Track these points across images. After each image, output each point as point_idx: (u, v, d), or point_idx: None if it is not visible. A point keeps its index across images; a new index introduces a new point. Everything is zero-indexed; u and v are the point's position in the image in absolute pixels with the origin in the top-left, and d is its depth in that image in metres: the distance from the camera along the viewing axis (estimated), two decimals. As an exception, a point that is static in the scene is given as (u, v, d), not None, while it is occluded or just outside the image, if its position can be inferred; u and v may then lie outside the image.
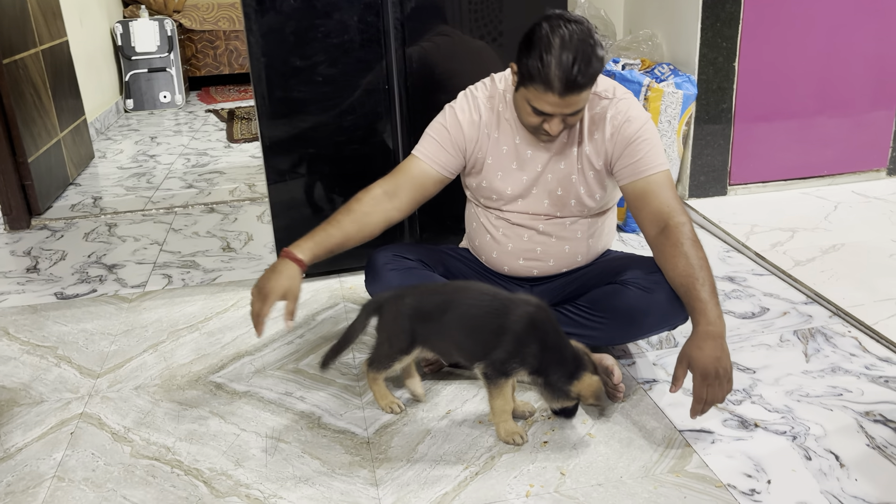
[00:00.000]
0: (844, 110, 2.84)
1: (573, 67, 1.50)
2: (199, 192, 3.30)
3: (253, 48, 2.13)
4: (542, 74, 1.52)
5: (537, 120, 1.62)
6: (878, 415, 1.59)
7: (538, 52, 1.52)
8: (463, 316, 1.56)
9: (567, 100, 1.55)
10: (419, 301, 1.59)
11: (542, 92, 1.55)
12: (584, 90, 1.55)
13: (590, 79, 1.54)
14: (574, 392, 1.50)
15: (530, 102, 1.59)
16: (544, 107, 1.57)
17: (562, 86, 1.52)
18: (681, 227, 1.60)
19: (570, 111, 1.58)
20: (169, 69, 5.17)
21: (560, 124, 1.61)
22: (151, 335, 2.06)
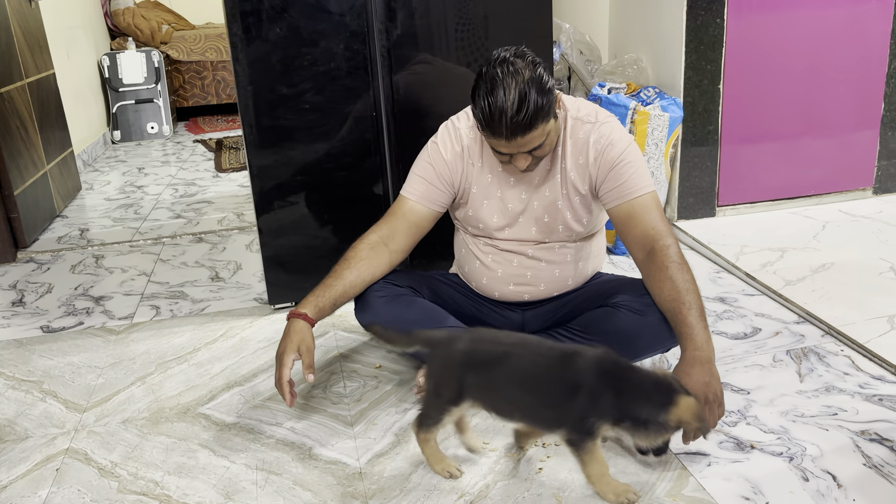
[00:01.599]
0: (829, 130, 2.87)
1: (512, 112, 1.50)
2: (188, 222, 3.29)
3: (240, 77, 2.13)
4: (486, 122, 1.55)
5: (504, 158, 1.64)
6: (874, 433, 1.58)
7: (480, 100, 1.54)
8: (523, 371, 1.40)
9: (517, 142, 1.56)
10: (473, 347, 1.44)
11: (490, 138, 1.58)
12: (531, 129, 1.54)
13: (533, 118, 1.52)
14: (673, 420, 1.33)
15: (489, 144, 1.62)
16: (500, 148, 1.60)
17: (506, 131, 1.53)
18: (666, 250, 1.60)
19: (527, 149, 1.59)
20: (156, 100, 5.18)
21: (525, 160, 1.62)
22: (139, 367, 2.03)
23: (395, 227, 1.79)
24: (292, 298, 2.34)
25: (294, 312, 1.69)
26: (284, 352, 1.64)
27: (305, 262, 2.31)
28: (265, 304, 2.39)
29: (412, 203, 1.79)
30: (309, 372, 1.63)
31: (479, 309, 1.91)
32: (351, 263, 1.76)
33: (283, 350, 1.64)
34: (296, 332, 1.66)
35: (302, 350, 1.64)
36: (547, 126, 1.59)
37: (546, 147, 1.64)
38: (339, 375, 1.93)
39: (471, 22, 2.21)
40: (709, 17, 2.63)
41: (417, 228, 1.81)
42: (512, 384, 1.41)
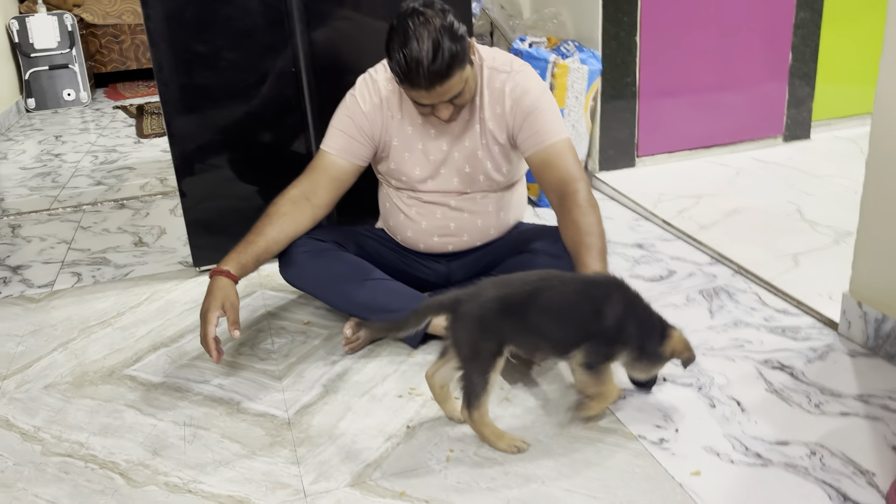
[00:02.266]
0: (741, 81, 2.97)
1: (427, 61, 1.52)
2: (109, 189, 3.20)
3: (153, 35, 2.07)
4: (403, 75, 1.56)
5: (426, 110, 1.66)
6: (776, 362, 1.68)
7: (395, 53, 1.55)
8: (555, 303, 1.42)
9: (436, 90, 1.58)
10: (504, 294, 1.41)
11: (410, 90, 1.59)
12: (449, 77, 1.56)
13: (449, 65, 1.55)
14: (668, 352, 1.45)
15: (409, 97, 1.63)
16: (420, 99, 1.61)
17: (425, 81, 1.55)
18: (575, 195, 1.65)
19: (447, 98, 1.61)
20: (71, 66, 4.98)
21: (447, 109, 1.64)
22: (61, 334, 2.00)
23: (316, 181, 1.79)
24: (217, 260, 2.28)
25: (216, 270, 1.68)
26: (209, 309, 1.63)
27: (230, 223, 2.28)
28: (190, 266, 2.36)
29: (333, 157, 1.79)
30: (234, 328, 1.64)
31: (404, 261, 1.93)
32: (273, 219, 1.75)
33: (207, 308, 1.64)
34: (219, 289, 1.66)
35: (226, 307, 1.64)
36: (464, 73, 1.61)
37: (466, 94, 1.66)
38: (266, 333, 1.94)
39: (388, -24, 2.20)
40: (624, -31, 2.67)
41: (339, 183, 1.81)
42: (546, 317, 1.42)
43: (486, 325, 1.39)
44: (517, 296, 1.41)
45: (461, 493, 1.34)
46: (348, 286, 1.80)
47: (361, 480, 1.39)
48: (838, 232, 2.30)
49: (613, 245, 2.33)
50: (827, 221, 2.38)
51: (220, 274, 1.67)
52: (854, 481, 1.31)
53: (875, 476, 1.32)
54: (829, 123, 3.22)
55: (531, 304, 1.41)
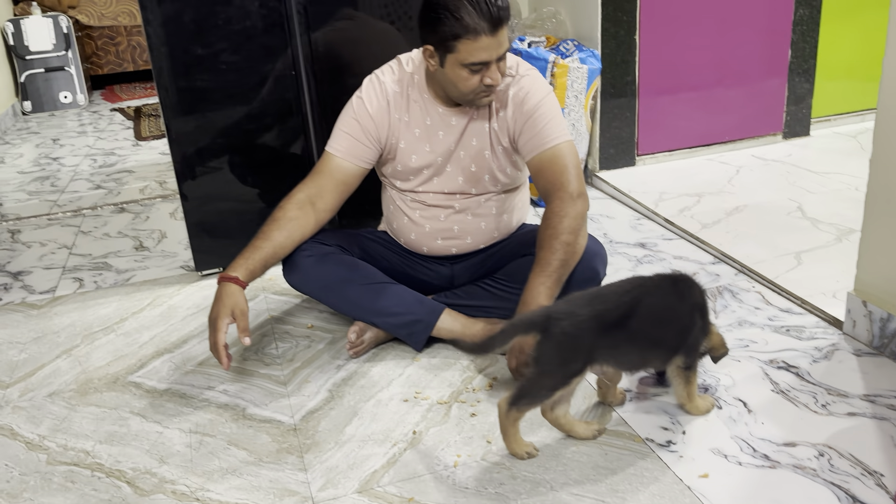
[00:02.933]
0: (741, 78, 2.97)
1: (489, 4, 1.55)
2: (108, 193, 3.19)
3: (152, 39, 2.07)
4: (466, 25, 1.56)
5: (476, 79, 1.64)
6: (781, 361, 1.68)
7: (449, 13, 1.56)
8: (659, 309, 1.41)
9: (498, 37, 1.59)
10: (600, 311, 1.36)
11: (473, 40, 1.57)
12: (505, 23, 1.60)
13: (507, 9, 1.59)
14: (708, 346, 1.49)
15: (464, 62, 1.61)
16: (481, 55, 1.59)
17: (488, 24, 1.56)
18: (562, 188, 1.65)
19: (503, 50, 1.62)
20: (68, 68, 4.96)
21: (497, 71, 1.64)
22: (64, 340, 1.99)
23: (322, 185, 1.78)
24: (219, 264, 2.32)
25: (225, 276, 1.67)
26: (218, 316, 1.62)
27: (231, 226, 2.28)
28: (192, 271, 2.36)
29: (339, 160, 1.78)
30: (245, 335, 1.63)
31: (408, 264, 1.93)
32: (280, 224, 1.74)
33: (216, 314, 1.63)
34: (228, 295, 1.65)
35: (236, 313, 1.64)
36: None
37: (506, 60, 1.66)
38: (270, 337, 1.94)
39: (388, -23, 2.19)
40: (623, -32, 2.67)
41: (345, 186, 1.81)
42: (652, 325, 1.40)
43: (580, 346, 1.35)
44: (616, 310, 1.37)
45: (469, 498, 1.34)
46: (352, 290, 1.80)
47: (369, 487, 1.38)
48: (840, 229, 2.30)
49: (615, 245, 2.33)
50: (829, 219, 2.38)
51: (229, 280, 1.66)
52: (863, 482, 1.31)
53: (884, 477, 1.32)
54: (829, 120, 3.22)
55: (634, 315, 1.37)
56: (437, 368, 1.74)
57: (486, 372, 1.72)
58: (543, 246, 1.62)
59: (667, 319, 1.42)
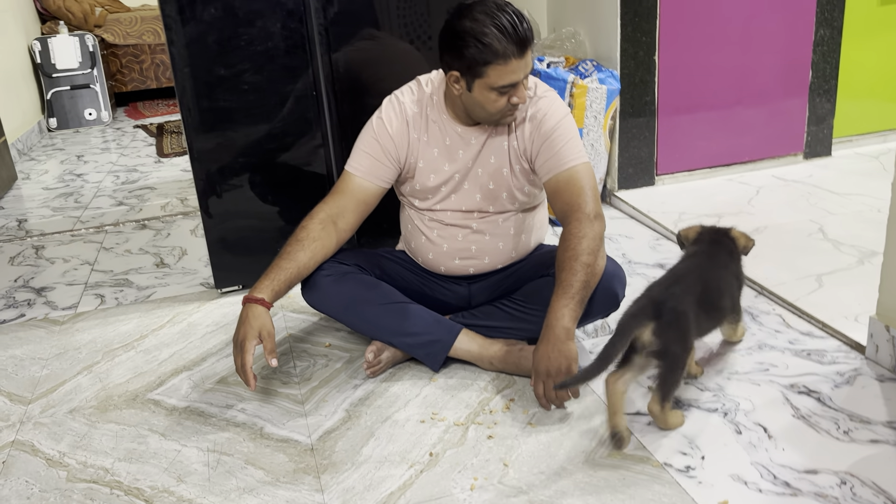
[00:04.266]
0: (760, 98, 2.96)
1: (515, 27, 1.57)
2: (130, 209, 3.23)
3: (176, 60, 2.10)
4: (495, 50, 1.57)
5: (504, 100, 1.65)
6: (802, 386, 1.67)
7: (476, 39, 1.57)
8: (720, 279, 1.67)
9: (525, 58, 1.61)
10: (693, 288, 1.56)
11: (503, 65, 1.59)
12: (532, 43, 1.62)
13: (531, 31, 1.61)
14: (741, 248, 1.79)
15: (494, 86, 1.62)
16: (511, 77, 1.61)
17: (517, 47, 1.58)
18: (579, 209, 1.66)
19: (529, 70, 1.65)
20: (93, 85, 5.04)
21: (524, 89, 1.66)
22: (85, 357, 2.01)
23: (343, 204, 1.79)
24: (239, 282, 2.34)
25: (250, 297, 1.68)
26: (246, 337, 1.63)
27: (251, 244, 2.30)
28: (212, 288, 2.38)
29: (359, 179, 1.80)
30: (272, 356, 1.64)
31: (425, 284, 1.93)
32: (304, 244, 1.75)
33: (244, 336, 1.64)
34: (255, 317, 1.66)
35: (263, 335, 1.64)
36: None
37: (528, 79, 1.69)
38: (288, 356, 1.95)
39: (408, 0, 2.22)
40: (642, -11, 2.67)
41: (365, 206, 1.82)
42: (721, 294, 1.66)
43: (690, 320, 1.50)
44: (699, 285, 1.58)
45: (486, 522, 1.33)
46: (370, 310, 1.81)
47: (386, 508, 1.38)
48: (862, 252, 2.27)
49: (634, 265, 2.32)
50: (850, 241, 2.36)
51: (255, 302, 1.67)
52: (886, 512, 1.29)
53: (907, 506, 1.30)
54: (851, 140, 3.19)
55: (711, 288, 1.62)
56: (454, 389, 1.74)
57: (503, 393, 1.71)
58: (564, 268, 1.62)
59: (726, 287, 1.68)
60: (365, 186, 1.80)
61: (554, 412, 1.62)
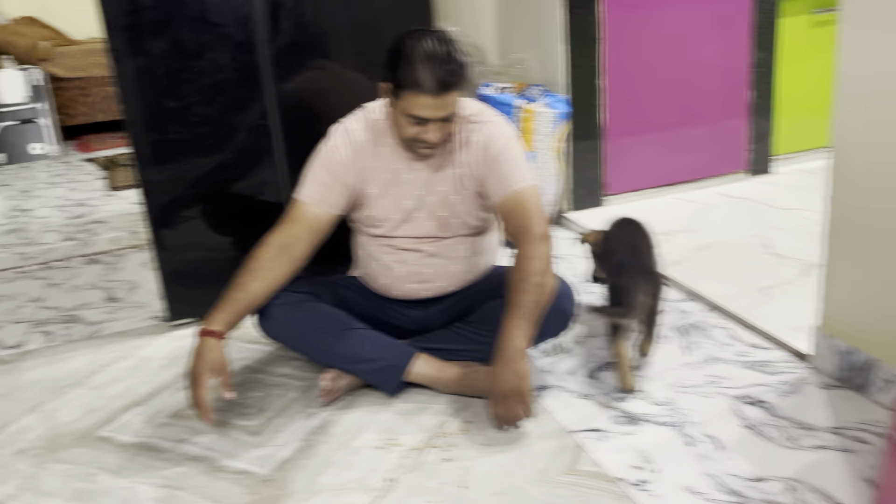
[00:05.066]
0: (704, 118, 3.05)
1: (441, 68, 1.59)
2: (79, 244, 3.17)
3: (124, 93, 2.09)
4: (414, 79, 1.59)
5: (415, 130, 1.67)
6: (751, 397, 1.71)
7: (406, 62, 1.60)
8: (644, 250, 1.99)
9: (441, 100, 1.61)
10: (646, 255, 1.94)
11: (415, 96, 1.61)
12: (454, 90, 1.63)
13: (458, 78, 1.62)
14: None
15: (407, 112, 1.64)
16: (421, 111, 1.63)
17: (434, 86, 1.59)
18: (528, 231, 1.68)
19: (445, 114, 1.65)
20: (39, 119, 4.96)
21: (437, 131, 1.67)
22: (32, 396, 1.96)
23: (295, 233, 1.79)
24: (192, 314, 2.31)
25: (204, 330, 1.67)
26: (200, 371, 1.62)
27: (203, 275, 2.28)
28: (164, 321, 2.34)
29: (310, 207, 1.80)
30: (229, 389, 1.63)
31: (380, 309, 1.94)
32: (256, 274, 1.75)
33: (198, 370, 1.62)
34: (209, 350, 1.64)
35: (218, 368, 1.63)
36: (459, 97, 1.67)
37: (452, 123, 1.70)
38: (242, 386, 1.92)
39: (359, 28, 2.24)
40: (585, 15, 2.75)
41: (317, 233, 1.82)
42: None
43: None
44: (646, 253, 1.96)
45: (444, 545, 1.33)
46: (325, 337, 1.80)
47: (343, 537, 1.37)
48: (805, 264, 2.35)
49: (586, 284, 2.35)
50: (793, 254, 2.43)
51: (208, 334, 1.65)
52: (832, 516, 1.33)
53: (852, 509, 1.34)
54: (791, 157, 3.31)
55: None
56: (410, 414, 1.74)
57: (460, 416, 1.72)
58: (515, 289, 1.65)
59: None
60: (316, 214, 1.80)
61: (510, 433, 1.64)
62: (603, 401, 1.74)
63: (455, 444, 1.62)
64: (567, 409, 1.71)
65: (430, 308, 1.93)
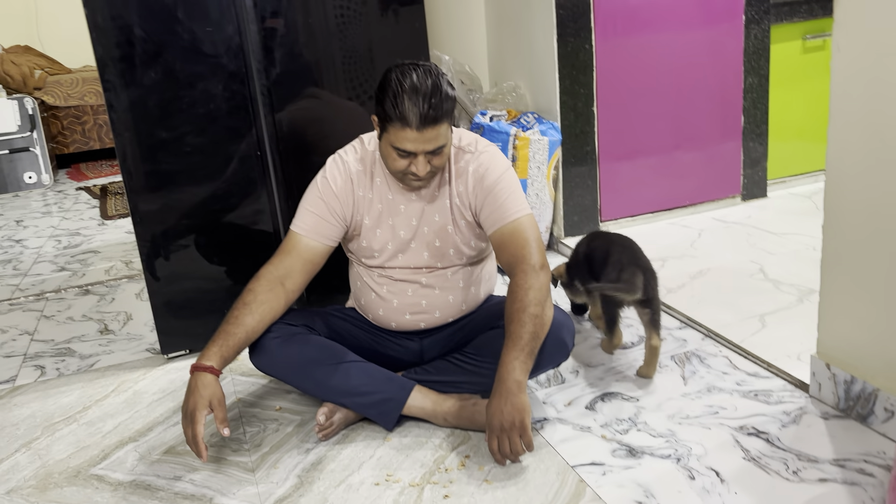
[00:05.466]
0: (697, 143, 3.06)
1: (425, 102, 1.58)
2: (73, 275, 3.15)
3: (116, 124, 2.08)
4: (398, 112, 1.59)
5: (403, 163, 1.67)
6: (752, 427, 1.69)
7: (391, 94, 1.60)
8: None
9: (425, 134, 1.61)
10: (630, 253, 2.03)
11: (400, 129, 1.61)
12: (439, 123, 1.62)
13: (443, 112, 1.61)
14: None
15: (393, 144, 1.64)
16: (406, 144, 1.63)
17: (417, 120, 1.59)
18: (524, 260, 1.67)
19: (431, 147, 1.64)
20: (32, 148, 4.95)
21: (425, 164, 1.66)
22: (23, 433, 1.93)
23: (289, 265, 1.78)
24: (186, 346, 2.29)
25: (199, 366, 1.65)
26: (196, 407, 1.59)
27: (197, 307, 2.26)
28: (158, 353, 2.32)
29: (305, 239, 1.79)
30: (224, 426, 1.61)
31: (377, 341, 1.92)
32: (251, 307, 1.73)
33: (193, 406, 1.60)
34: (204, 386, 1.62)
35: (214, 404, 1.61)
36: (448, 128, 1.66)
37: (443, 156, 1.69)
38: (238, 421, 1.90)
39: (353, 57, 2.25)
40: (578, 43, 2.77)
41: (312, 265, 1.81)
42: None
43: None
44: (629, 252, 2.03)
45: (444, 586, 1.30)
46: (320, 371, 1.78)
47: (341, 578, 1.34)
48: (801, 290, 2.34)
49: (584, 312, 2.35)
50: (790, 280, 2.43)
51: (203, 370, 1.63)
52: (837, 551, 1.31)
53: (858, 544, 1.32)
54: (784, 181, 3.32)
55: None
56: (408, 448, 1.72)
57: (458, 450, 1.70)
58: (512, 320, 1.63)
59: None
60: (311, 245, 1.79)
61: (510, 467, 1.61)
62: (603, 433, 1.72)
63: (454, 480, 1.59)
64: (567, 442, 1.69)
65: (427, 339, 1.91)
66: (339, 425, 1.80)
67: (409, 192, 1.78)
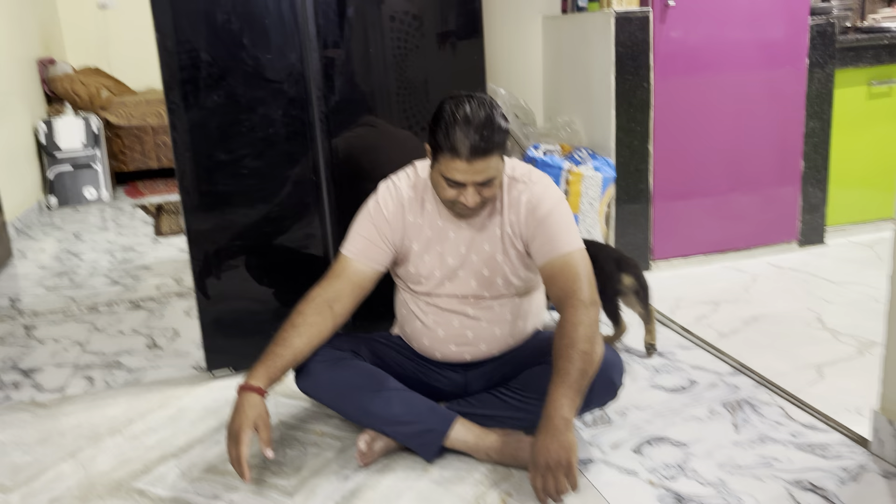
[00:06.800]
0: (754, 186, 3.00)
1: (476, 133, 1.59)
2: (125, 289, 3.22)
3: (177, 144, 2.13)
4: (449, 143, 1.60)
5: (453, 192, 1.67)
6: (808, 482, 1.62)
7: (444, 124, 1.61)
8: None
9: (474, 165, 1.61)
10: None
11: (450, 160, 1.62)
12: (489, 155, 1.62)
13: (494, 144, 1.62)
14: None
15: (443, 174, 1.65)
16: (455, 175, 1.63)
17: (468, 151, 1.59)
18: (574, 295, 1.65)
19: (481, 178, 1.64)
20: (94, 165, 5.11)
21: (475, 195, 1.66)
22: (70, 443, 1.96)
23: (339, 288, 1.79)
24: (232, 364, 2.30)
25: (246, 386, 1.65)
26: (241, 428, 1.59)
27: (245, 326, 2.28)
28: (204, 371, 2.34)
29: (355, 263, 1.79)
30: (268, 447, 1.61)
31: (421, 370, 1.90)
32: (300, 330, 1.74)
33: (239, 426, 1.60)
34: (250, 406, 1.62)
35: (259, 425, 1.61)
36: (499, 160, 1.66)
37: (493, 188, 1.68)
38: (278, 443, 1.89)
39: (409, 88, 2.27)
40: (636, 81, 2.75)
41: (361, 290, 1.81)
42: None
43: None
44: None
45: None
46: (363, 397, 1.77)
47: None
48: (861, 342, 2.26)
49: (631, 354, 2.30)
50: (849, 330, 2.34)
51: (250, 390, 1.64)
52: None
53: None
54: (844, 229, 3.22)
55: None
56: (448, 482, 1.69)
57: (499, 487, 1.66)
58: (561, 356, 1.60)
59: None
60: (361, 270, 1.79)
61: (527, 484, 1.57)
62: (650, 478, 1.66)
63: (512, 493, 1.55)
64: (612, 486, 1.64)
65: (471, 371, 1.89)
66: (379, 453, 1.78)
67: (459, 219, 1.77)
